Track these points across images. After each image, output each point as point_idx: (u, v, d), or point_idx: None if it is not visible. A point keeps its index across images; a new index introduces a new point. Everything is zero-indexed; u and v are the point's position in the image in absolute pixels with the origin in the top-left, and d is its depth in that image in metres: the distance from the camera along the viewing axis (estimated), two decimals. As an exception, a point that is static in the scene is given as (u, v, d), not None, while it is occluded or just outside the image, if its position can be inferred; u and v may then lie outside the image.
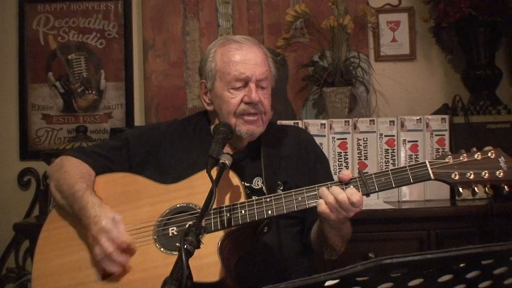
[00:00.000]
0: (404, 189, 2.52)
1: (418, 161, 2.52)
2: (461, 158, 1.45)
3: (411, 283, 0.89)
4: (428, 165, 1.46)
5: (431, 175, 1.45)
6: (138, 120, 3.03)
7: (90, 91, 3.04)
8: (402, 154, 2.53)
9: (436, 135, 2.54)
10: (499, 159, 1.43)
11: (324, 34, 2.82)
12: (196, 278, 1.37)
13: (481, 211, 2.27)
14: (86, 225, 1.56)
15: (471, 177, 1.42)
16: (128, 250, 1.53)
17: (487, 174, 1.42)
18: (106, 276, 1.55)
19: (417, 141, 2.53)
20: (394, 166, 2.53)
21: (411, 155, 2.53)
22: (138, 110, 3.03)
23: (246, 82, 1.71)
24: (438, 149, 2.53)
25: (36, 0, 3.03)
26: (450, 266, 0.89)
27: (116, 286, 1.53)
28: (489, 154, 1.44)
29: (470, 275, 0.91)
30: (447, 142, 2.54)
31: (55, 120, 3.03)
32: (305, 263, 1.80)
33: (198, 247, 1.23)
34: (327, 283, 0.85)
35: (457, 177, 1.43)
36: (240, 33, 2.92)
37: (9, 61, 3.04)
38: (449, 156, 1.46)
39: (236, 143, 1.81)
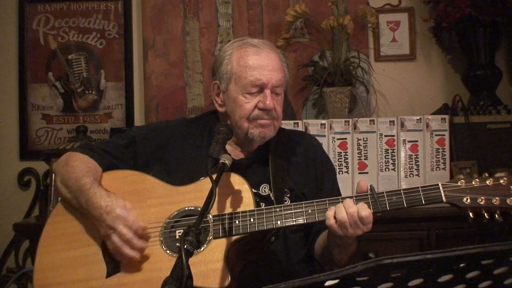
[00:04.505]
0: (404, 187, 2.52)
1: (418, 161, 2.52)
2: (473, 182, 1.45)
3: (411, 283, 0.89)
4: (441, 188, 1.46)
5: (443, 197, 1.45)
6: (138, 120, 3.03)
7: (90, 91, 3.04)
8: (402, 154, 2.53)
9: (436, 135, 2.54)
10: (511, 187, 1.42)
11: (324, 34, 2.82)
12: (201, 283, 1.38)
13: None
14: (97, 217, 1.55)
15: (482, 202, 1.42)
16: (144, 236, 1.54)
17: (497, 201, 1.42)
18: (110, 274, 1.55)
19: (417, 141, 2.53)
20: (394, 166, 2.53)
21: (411, 155, 2.53)
22: (138, 110, 3.03)
23: (261, 88, 1.70)
24: (438, 149, 2.53)
25: (36, 0, 3.03)
26: (450, 266, 0.89)
27: (119, 285, 1.53)
28: (501, 181, 1.44)
29: (470, 275, 0.91)
30: (447, 142, 2.54)
31: (55, 120, 3.03)
32: (310, 268, 1.79)
33: (198, 247, 1.23)
34: (327, 283, 0.85)
35: (468, 202, 1.43)
36: (240, 33, 2.93)
37: (9, 61, 3.05)
38: (462, 180, 1.46)
39: (247, 146, 1.80)
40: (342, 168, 2.52)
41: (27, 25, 3.03)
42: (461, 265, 0.89)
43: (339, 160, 2.53)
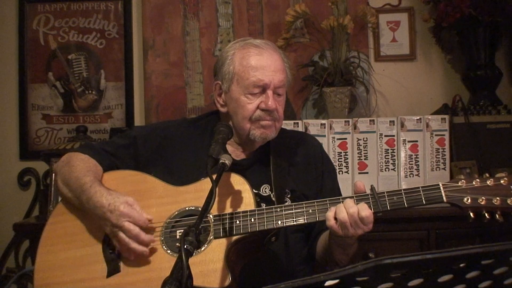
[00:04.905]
0: (404, 187, 2.52)
1: (418, 161, 2.52)
2: (473, 183, 1.45)
3: (411, 283, 0.89)
4: (441, 188, 1.46)
5: (444, 197, 1.46)
6: (138, 120, 3.03)
7: (90, 91, 3.04)
8: (402, 154, 2.53)
9: (436, 135, 2.54)
10: (511, 187, 1.43)
11: (324, 34, 2.82)
12: (201, 283, 1.38)
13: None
14: (100, 215, 1.56)
15: (483, 202, 1.43)
16: (150, 228, 1.55)
17: (498, 201, 1.42)
18: (110, 273, 1.55)
19: (417, 141, 2.53)
20: (394, 166, 2.53)
21: (411, 155, 2.53)
22: (138, 110, 3.03)
23: (264, 89, 1.69)
24: (438, 149, 2.53)
25: (36, 0, 3.03)
26: (450, 266, 0.89)
27: (119, 284, 1.53)
28: (501, 181, 1.44)
29: (470, 275, 0.91)
30: (447, 142, 2.54)
31: (55, 120, 3.03)
32: (310, 268, 1.80)
33: (199, 247, 1.23)
34: (327, 283, 0.85)
35: (469, 201, 1.44)
36: (240, 33, 2.93)
37: (9, 61, 3.05)
38: (462, 180, 1.47)
39: (248, 146, 1.80)
40: (342, 168, 2.52)
41: (27, 25, 3.03)
42: (461, 265, 0.89)
43: (339, 160, 2.53)
